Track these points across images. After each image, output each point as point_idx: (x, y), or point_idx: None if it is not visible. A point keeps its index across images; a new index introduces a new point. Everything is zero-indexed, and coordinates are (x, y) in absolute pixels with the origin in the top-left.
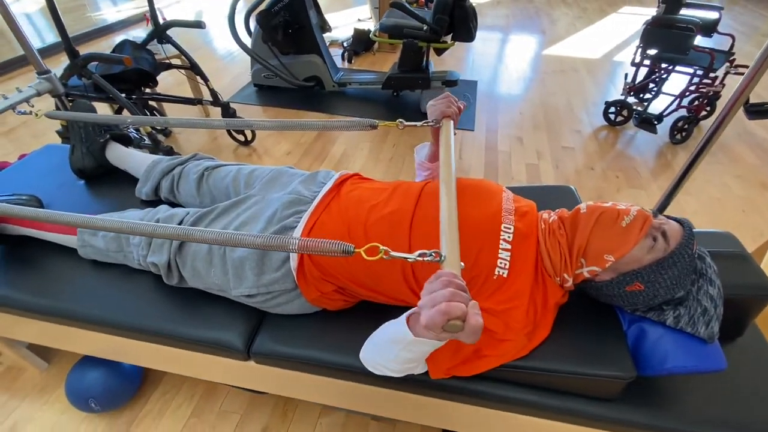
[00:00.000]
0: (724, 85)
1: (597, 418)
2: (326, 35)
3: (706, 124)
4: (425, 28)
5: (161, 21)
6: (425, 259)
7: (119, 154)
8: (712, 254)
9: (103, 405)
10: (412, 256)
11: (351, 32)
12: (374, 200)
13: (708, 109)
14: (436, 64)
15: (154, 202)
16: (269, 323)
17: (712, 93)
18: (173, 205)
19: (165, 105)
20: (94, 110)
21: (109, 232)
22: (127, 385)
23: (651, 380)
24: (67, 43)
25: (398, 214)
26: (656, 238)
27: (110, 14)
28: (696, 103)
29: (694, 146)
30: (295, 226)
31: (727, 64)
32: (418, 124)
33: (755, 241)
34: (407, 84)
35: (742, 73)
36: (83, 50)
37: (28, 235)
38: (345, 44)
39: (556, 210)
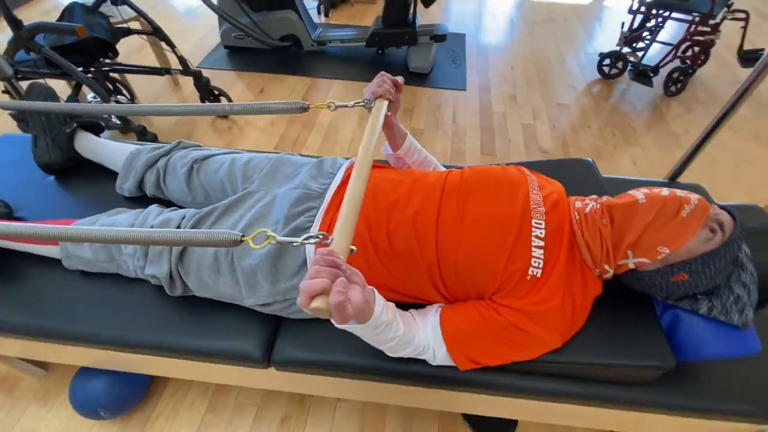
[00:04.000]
0: (719, 32)
1: (631, 402)
2: None
3: (701, 75)
4: None
5: None
6: (311, 242)
7: (91, 146)
8: None
9: (112, 412)
10: (298, 241)
11: None
12: (393, 195)
13: (703, 58)
14: (423, 16)
15: (139, 198)
16: (287, 329)
17: (708, 41)
18: (161, 201)
19: (129, 76)
20: (53, 95)
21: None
22: (136, 389)
23: (685, 363)
24: (7, 12)
25: (422, 216)
26: (714, 230)
27: None
28: (691, 52)
29: (688, 99)
30: (308, 227)
31: (725, 9)
32: (350, 104)
33: (749, 194)
34: (393, 40)
35: (741, 19)
36: (23, 15)
37: (1, 247)
38: None
39: (592, 196)
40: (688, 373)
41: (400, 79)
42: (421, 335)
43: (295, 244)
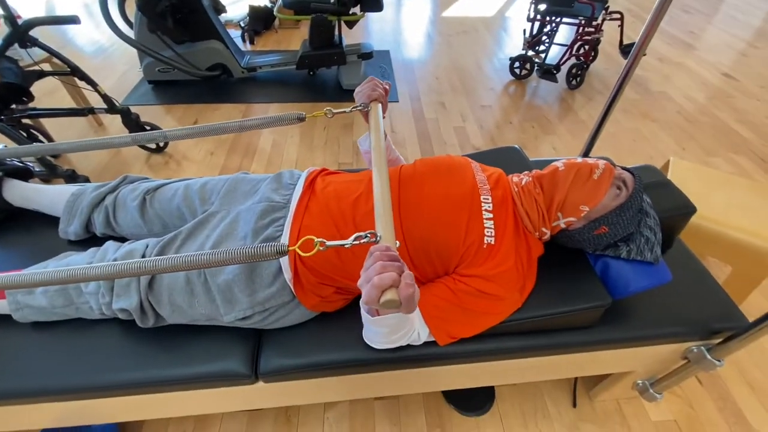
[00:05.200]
0: (602, 31)
1: (584, 344)
2: (221, 16)
3: (594, 69)
4: (332, 0)
5: (18, 20)
6: (362, 241)
7: (22, 193)
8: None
9: None
10: (348, 242)
11: (246, 9)
12: (354, 193)
13: (593, 54)
14: (347, 37)
15: (87, 240)
16: (269, 339)
17: (594, 39)
18: (113, 239)
19: (45, 120)
20: None
21: (51, 286)
22: None
23: (616, 302)
24: None
25: None
26: (620, 187)
27: None
28: (582, 50)
29: (588, 90)
30: (278, 236)
31: (603, 11)
32: (348, 110)
33: (646, 162)
34: (322, 61)
35: (617, 19)
36: None
37: None
38: (242, 24)
39: (525, 172)
40: (623, 310)
41: (388, 84)
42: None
43: (346, 245)
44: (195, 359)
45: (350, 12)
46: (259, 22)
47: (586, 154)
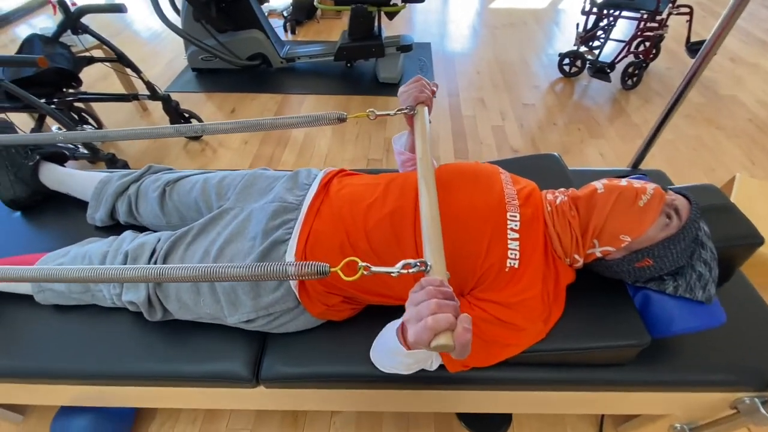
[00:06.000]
0: (667, 26)
1: (615, 382)
2: (264, 6)
3: (653, 68)
4: None
5: (72, 7)
6: (410, 271)
7: (57, 177)
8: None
9: None
10: (395, 270)
11: (289, 0)
12: (369, 197)
13: (654, 52)
14: (387, 28)
15: (113, 227)
16: (273, 344)
17: (657, 36)
18: (135, 227)
19: (95, 104)
20: (11, 128)
21: None
22: (121, 426)
23: (660, 339)
24: None
25: (399, 213)
26: (670, 216)
27: (5, 1)
28: (642, 47)
29: (645, 91)
30: (287, 239)
31: (669, 5)
32: (392, 113)
33: (706, 175)
34: (360, 53)
35: (685, 13)
36: None
37: None
38: (285, 14)
39: (560, 189)
40: (663, 349)
41: (435, 86)
42: None
43: (393, 274)
44: (199, 357)
45: (391, 3)
46: (302, 12)
47: (637, 164)
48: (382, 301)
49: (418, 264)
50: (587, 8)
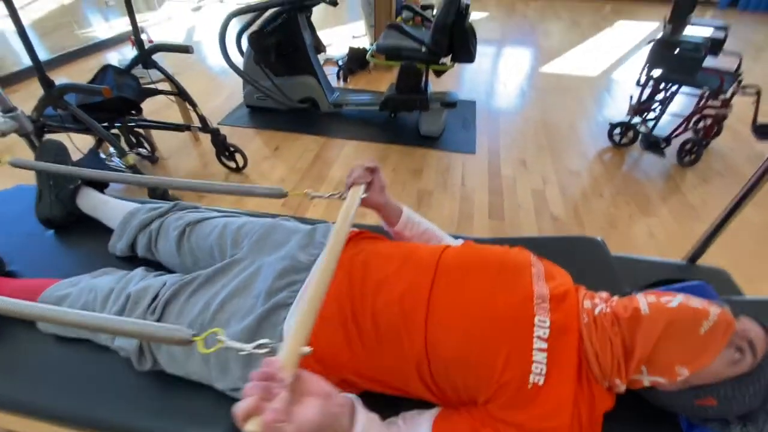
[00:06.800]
0: (731, 106)
1: None
2: (321, 55)
3: (715, 145)
4: (423, 49)
5: (147, 43)
6: (261, 351)
7: (93, 202)
8: None
9: None
10: (248, 347)
11: (346, 50)
12: (382, 272)
13: (716, 129)
14: (436, 84)
15: (132, 258)
16: None
17: (720, 115)
18: (152, 262)
19: (153, 131)
20: (65, 152)
21: (72, 303)
22: None
23: None
24: (41, 73)
25: (410, 297)
26: (742, 350)
27: (101, 31)
28: (702, 124)
29: (704, 170)
30: (290, 303)
31: (735, 84)
32: (325, 195)
33: None
34: (405, 105)
35: (752, 94)
36: (68, 72)
37: None
38: (340, 62)
39: (601, 293)
40: None
41: (371, 162)
42: None
43: (242, 352)
44: (183, 418)
45: (440, 62)
46: (356, 62)
47: (695, 257)
48: (378, 389)
49: (269, 344)
50: (642, 80)
